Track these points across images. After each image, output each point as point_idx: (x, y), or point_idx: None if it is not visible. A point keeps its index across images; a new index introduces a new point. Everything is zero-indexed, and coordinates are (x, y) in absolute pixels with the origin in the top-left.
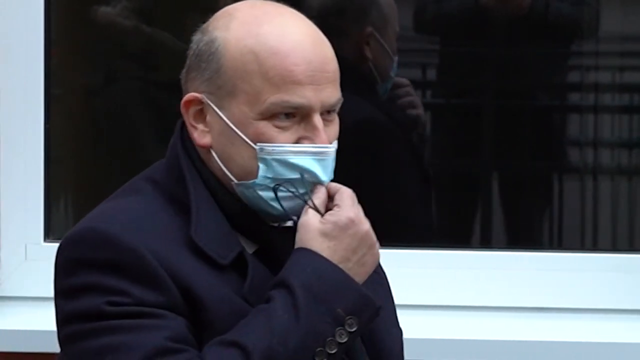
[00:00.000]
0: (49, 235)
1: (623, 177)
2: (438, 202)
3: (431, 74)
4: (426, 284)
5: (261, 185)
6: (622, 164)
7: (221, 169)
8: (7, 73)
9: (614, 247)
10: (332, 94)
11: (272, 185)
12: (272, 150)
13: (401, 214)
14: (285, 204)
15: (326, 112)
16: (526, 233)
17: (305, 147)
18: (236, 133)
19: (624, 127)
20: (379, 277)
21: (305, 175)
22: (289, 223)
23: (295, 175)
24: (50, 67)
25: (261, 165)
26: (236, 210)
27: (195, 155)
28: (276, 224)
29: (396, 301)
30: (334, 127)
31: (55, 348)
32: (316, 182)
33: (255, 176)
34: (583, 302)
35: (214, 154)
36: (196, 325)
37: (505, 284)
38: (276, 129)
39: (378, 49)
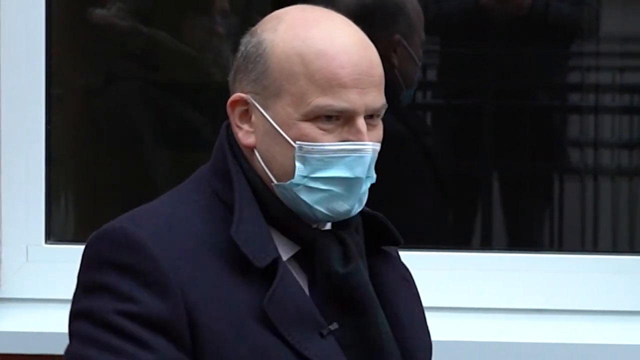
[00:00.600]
0: (49, 237)
1: (623, 178)
2: (438, 203)
3: (431, 75)
4: (426, 285)
5: (298, 185)
6: (622, 165)
7: (264, 169)
8: (8, 74)
9: (614, 248)
10: (377, 99)
11: (309, 184)
12: (312, 148)
13: (401, 217)
14: (324, 206)
15: (369, 117)
16: (526, 234)
17: (343, 144)
18: (279, 133)
19: (624, 127)
20: (409, 284)
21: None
22: (328, 226)
23: (334, 174)
24: (51, 68)
25: (298, 164)
26: (279, 211)
27: (240, 155)
28: (315, 226)
29: None
30: (378, 132)
31: (56, 350)
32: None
33: (293, 176)
34: (583, 304)
35: (257, 154)
36: (195, 342)
37: (506, 285)
38: (320, 131)
39: (405, 56)
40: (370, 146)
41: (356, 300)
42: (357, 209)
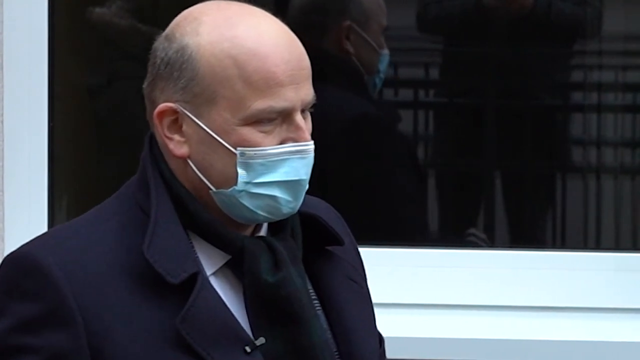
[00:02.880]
0: None
1: (626, 176)
2: (441, 201)
3: (434, 74)
4: (429, 282)
5: (241, 191)
6: (625, 163)
7: (196, 179)
8: (11, 73)
9: (617, 246)
10: (309, 91)
11: (252, 190)
12: (255, 154)
13: (397, 212)
14: (266, 210)
15: (302, 111)
16: (529, 232)
17: (287, 146)
18: (217, 140)
19: (627, 126)
20: (357, 285)
21: (287, 177)
22: (263, 231)
23: (278, 178)
24: (53, 67)
25: (240, 171)
26: (206, 220)
27: (164, 167)
28: (248, 231)
29: (399, 300)
30: (309, 125)
31: None
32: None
33: (235, 183)
34: (586, 301)
35: (191, 163)
36: None
37: (508, 282)
38: (261, 134)
39: (360, 43)
40: (312, 146)
41: (287, 309)
42: (298, 208)
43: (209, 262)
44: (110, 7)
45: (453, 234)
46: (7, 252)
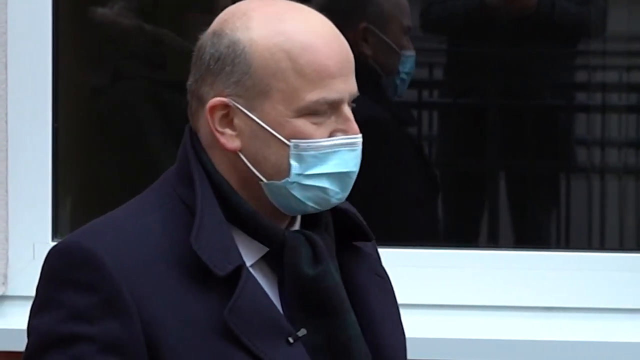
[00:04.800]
0: (56, 234)
1: (630, 176)
2: (445, 201)
3: (438, 74)
4: (433, 283)
5: (293, 182)
6: (629, 164)
7: (246, 171)
8: (16, 73)
9: (621, 246)
10: (355, 85)
11: (303, 182)
12: (308, 146)
13: (399, 214)
14: (314, 201)
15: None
16: (533, 232)
17: (338, 139)
18: (270, 133)
19: (631, 126)
20: (383, 280)
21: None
22: (297, 225)
23: (329, 170)
24: (58, 67)
25: (293, 162)
26: (248, 213)
27: (206, 159)
28: (284, 225)
29: (403, 300)
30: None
31: None
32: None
33: (288, 174)
34: (590, 302)
35: (242, 156)
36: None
37: (512, 283)
38: (313, 126)
39: (378, 44)
40: (360, 139)
41: (326, 302)
42: (344, 199)
43: (248, 255)
44: (113, 7)
45: (456, 234)
46: (11, 252)
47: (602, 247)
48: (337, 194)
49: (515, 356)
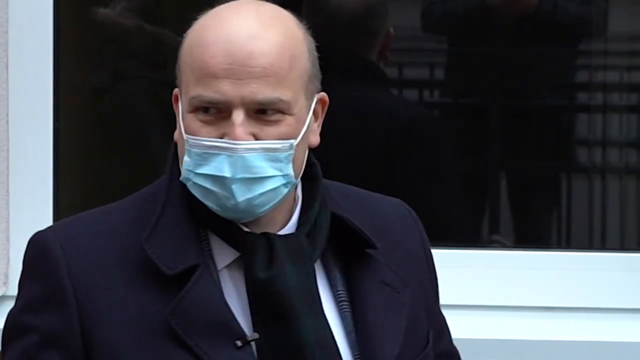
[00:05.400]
0: None
1: (631, 176)
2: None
3: (438, 74)
4: None
5: (188, 180)
6: (630, 164)
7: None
8: (16, 72)
9: (622, 246)
10: (260, 91)
11: (193, 179)
12: (193, 142)
13: (447, 214)
14: (212, 202)
15: (262, 112)
16: (534, 232)
17: (215, 140)
18: (180, 125)
19: (632, 126)
20: (391, 290)
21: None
22: (290, 228)
23: (208, 171)
24: (59, 66)
25: (186, 158)
26: (211, 217)
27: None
28: (275, 228)
29: None
30: (278, 129)
31: None
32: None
33: (182, 170)
34: (591, 302)
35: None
36: (90, 356)
37: (513, 283)
38: (200, 123)
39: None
40: (241, 146)
41: (277, 307)
42: (257, 205)
43: (221, 257)
44: (115, 8)
45: (457, 233)
46: (12, 251)
47: (603, 247)
48: (227, 198)
49: (515, 356)
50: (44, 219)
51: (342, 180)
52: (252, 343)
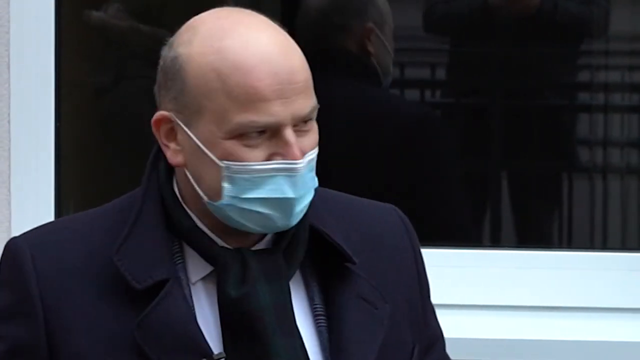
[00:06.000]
0: None
1: (633, 176)
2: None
3: (440, 74)
4: (434, 282)
5: (228, 205)
6: (631, 164)
7: (193, 188)
8: (18, 73)
9: (624, 246)
10: (304, 105)
11: (239, 205)
12: (240, 168)
13: (448, 214)
14: (258, 225)
15: (302, 123)
16: (536, 232)
17: (273, 164)
18: (205, 152)
19: (633, 126)
20: (369, 306)
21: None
22: (266, 243)
23: (263, 195)
24: (60, 66)
25: (226, 185)
26: (189, 230)
27: (162, 171)
28: (249, 242)
29: None
30: (311, 136)
31: None
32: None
33: (222, 196)
34: (593, 301)
35: (187, 173)
36: None
37: (514, 282)
38: (246, 148)
39: (379, 45)
40: (301, 164)
41: (248, 326)
42: (295, 222)
43: (195, 271)
44: (115, 8)
45: (459, 233)
46: None
47: (605, 246)
48: (280, 219)
49: (516, 356)
50: (45, 218)
51: (337, 180)
52: None
